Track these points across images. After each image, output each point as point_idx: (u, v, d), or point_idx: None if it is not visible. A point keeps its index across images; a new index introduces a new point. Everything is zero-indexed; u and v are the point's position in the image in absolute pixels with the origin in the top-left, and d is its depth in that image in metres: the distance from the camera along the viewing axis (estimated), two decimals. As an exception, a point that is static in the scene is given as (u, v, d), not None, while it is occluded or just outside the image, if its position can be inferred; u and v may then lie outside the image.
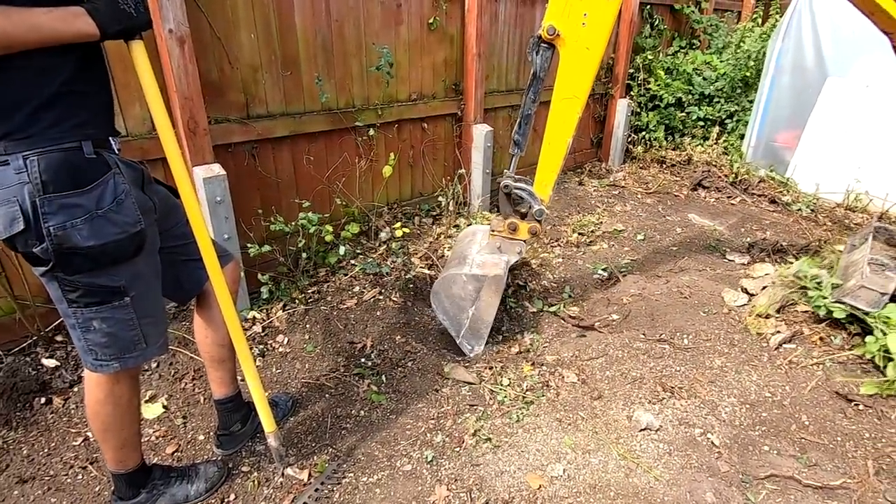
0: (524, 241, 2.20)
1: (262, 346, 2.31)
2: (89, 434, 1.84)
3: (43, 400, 1.95)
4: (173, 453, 1.79)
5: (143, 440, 1.81)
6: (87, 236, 1.12)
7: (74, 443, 1.81)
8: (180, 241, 1.46)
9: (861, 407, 2.01)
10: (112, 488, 1.55)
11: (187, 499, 1.58)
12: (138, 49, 1.18)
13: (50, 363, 2.07)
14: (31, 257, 1.13)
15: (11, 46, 0.98)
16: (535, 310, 2.63)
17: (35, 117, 1.06)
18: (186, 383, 2.09)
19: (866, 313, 2.23)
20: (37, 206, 1.07)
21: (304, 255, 2.71)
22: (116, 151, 1.23)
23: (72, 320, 1.22)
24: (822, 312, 2.38)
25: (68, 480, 1.68)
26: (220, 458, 1.75)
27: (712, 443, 1.85)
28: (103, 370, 1.28)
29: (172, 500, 1.56)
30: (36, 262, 1.14)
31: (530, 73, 2.03)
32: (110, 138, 1.22)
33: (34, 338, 2.11)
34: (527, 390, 2.09)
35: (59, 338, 2.16)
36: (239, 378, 1.77)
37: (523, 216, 2.16)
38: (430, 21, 3.15)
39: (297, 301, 2.60)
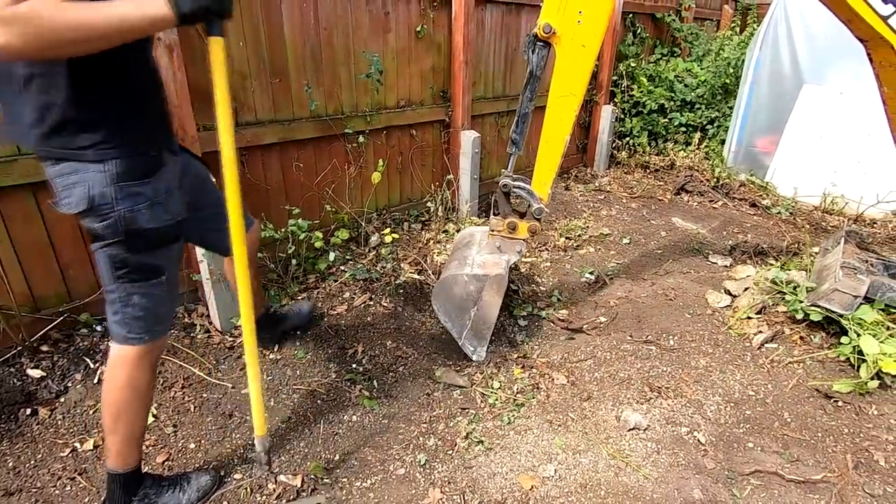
0: (524, 240, 2.20)
1: (252, 354, 2.30)
2: (77, 445, 1.82)
3: (28, 411, 1.92)
4: (164, 462, 1.77)
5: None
6: (148, 219, 1.30)
7: (62, 454, 1.78)
8: (213, 209, 1.60)
9: (840, 403, 2.07)
10: (103, 498, 1.54)
11: None
12: (217, 47, 1.22)
13: (35, 374, 2.04)
14: (92, 233, 1.30)
15: (91, 39, 1.02)
16: (524, 313, 2.66)
17: (117, 129, 1.24)
18: (176, 392, 2.07)
19: (841, 315, 2.30)
20: (106, 191, 1.24)
21: (293, 261, 2.71)
22: (171, 150, 1.41)
23: (114, 295, 1.37)
24: (798, 316, 2.45)
25: (56, 492, 1.66)
26: (211, 467, 1.74)
27: (698, 441, 1.90)
28: (134, 342, 1.41)
29: None
30: (95, 238, 1.31)
31: (527, 71, 2.04)
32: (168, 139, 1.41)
33: (18, 348, 2.08)
34: (517, 393, 2.12)
35: (44, 348, 2.13)
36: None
37: (522, 215, 2.17)
38: (418, 29, 3.18)
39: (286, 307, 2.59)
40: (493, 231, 2.21)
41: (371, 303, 2.68)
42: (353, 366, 2.27)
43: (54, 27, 0.96)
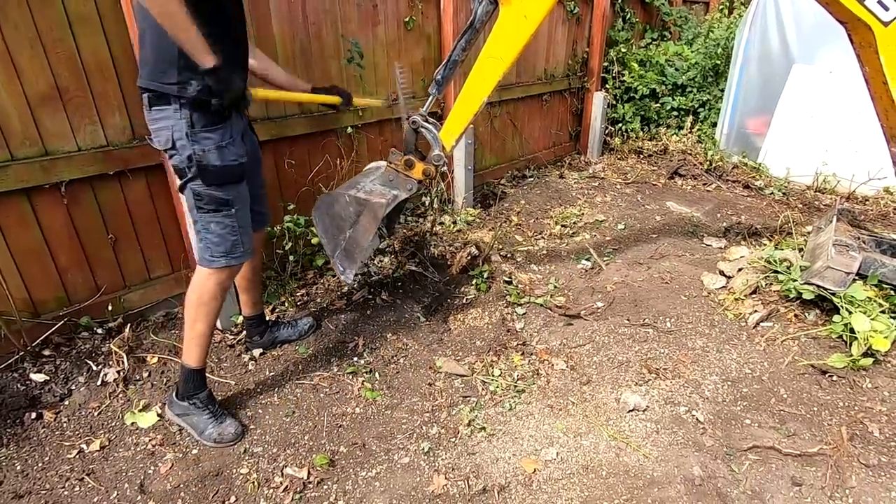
0: (418, 181, 2.17)
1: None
2: (83, 446, 1.84)
3: (33, 415, 1.93)
4: (172, 457, 1.79)
5: (138, 448, 1.83)
6: (216, 158, 1.63)
7: (69, 455, 1.80)
8: (253, 188, 1.90)
9: (835, 378, 2.11)
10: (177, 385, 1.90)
11: (201, 434, 1.85)
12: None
13: (38, 378, 2.05)
14: (176, 170, 1.67)
15: (172, 34, 1.44)
16: (522, 301, 2.69)
17: (197, 80, 1.55)
18: (179, 391, 2.09)
19: (833, 293, 2.33)
20: (185, 135, 1.58)
21: (291, 258, 2.72)
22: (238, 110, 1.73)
23: (198, 225, 1.73)
24: (792, 295, 2.48)
25: (65, 493, 1.68)
26: (239, 423, 1.92)
27: (697, 419, 1.93)
28: (214, 265, 1.76)
29: (192, 425, 1.87)
30: (180, 174, 1.67)
31: (468, 21, 2.03)
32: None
33: (21, 353, 2.08)
34: (518, 379, 2.15)
35: (46, 352, 2.14)
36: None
37: (423, 158, 2.17)
38: (407, 20, 3.17)
39: (286, 304, 2.61)
40: (389, 164, 2.19)
41: (370, 297, 2.70)
42: (355, 359, 2.29)
43: (169, 9, 1.40)
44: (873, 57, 2.00)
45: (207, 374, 2.15)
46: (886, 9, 1.91)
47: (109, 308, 2.29)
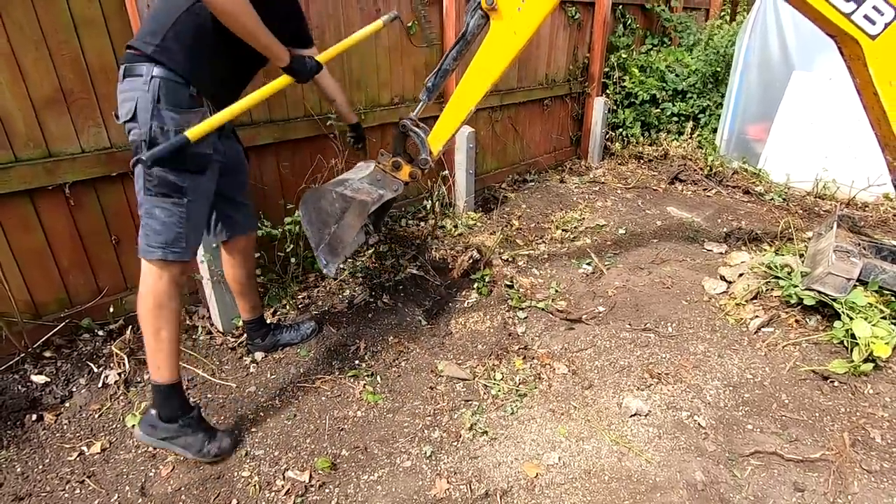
0: (404, 182, 2.22)
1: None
2: (84, 448, 1.83)
3: (34, 417, 1.93)
4: (172, 459, 1.79)
5: (139, 451, 1.83)
6: (173, 137, 1.53)
7: (69, 458, 1.80)
8: (235, 191, 1.93)
9: (836, 383, 2.11)
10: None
11: (198, 452, 1.74)
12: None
13: (39, 380, 2.04)
14: (132, 145, 1.58)
15: (245, 33, 1.55)
16: (523, 305, 2.69)
17: (181, 50, 1.54)
18: (181, 393, 2.08)
19: (834, 299, 2.33)
20: (147, 106, 1.51)
21: (292, 260, 2.72)
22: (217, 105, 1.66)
23: (142, 208, 1.60)
24: (793, 300, 2.48)
25: (66, 496, 1.67)
26: (234, 432, 1.88)
27: (699, 424, 1.93)
28: (149, 256, 1.61)
29: (186, 446, 1.74)
30: (135, 150, 1.57)
31: (461, 31, 2.08)
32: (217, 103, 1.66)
33: (21, 355, 2.08)
34: (520, 383, 2.15)
35: (47, 354, 2.13)
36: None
37: (411, 160, 2.20)
38: (410, 25, 3.19)
39: (287, 307, 2.61)
40: (378, 164, 2.23)
41: (371, 299, 2.69)
42: (356, 362, 2.28)
43: (243, 10, 1.50)
44: (862, 69, 2.02)
45: (209, 378, 2.16)
46: (873, 22, 1.93)
47: (111, 310, 2.29)
